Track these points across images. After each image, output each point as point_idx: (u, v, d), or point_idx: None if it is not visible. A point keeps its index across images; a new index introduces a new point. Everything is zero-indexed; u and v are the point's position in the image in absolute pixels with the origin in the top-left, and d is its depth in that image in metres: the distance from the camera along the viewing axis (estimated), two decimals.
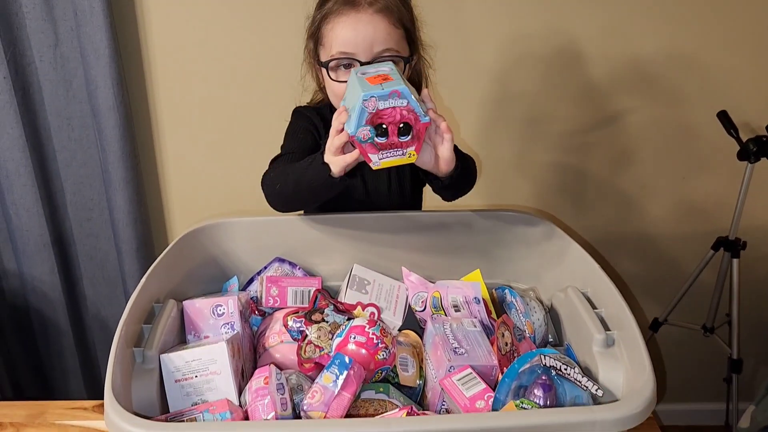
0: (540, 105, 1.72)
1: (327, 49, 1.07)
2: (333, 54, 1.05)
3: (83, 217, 1.83)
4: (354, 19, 1.03)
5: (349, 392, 0.82)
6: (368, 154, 0.88)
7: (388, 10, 1.04)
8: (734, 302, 1.79)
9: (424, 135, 0.88)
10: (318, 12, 1.09)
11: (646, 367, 0.77)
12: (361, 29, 1.02)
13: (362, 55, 1.03)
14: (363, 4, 1.03)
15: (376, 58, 1.03)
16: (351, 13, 1.03)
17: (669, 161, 1.80)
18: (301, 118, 1.21)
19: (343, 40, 1.04)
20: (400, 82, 0.85)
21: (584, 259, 0.99)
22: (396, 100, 0.84)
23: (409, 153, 0.88)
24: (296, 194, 1.02)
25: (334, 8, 1.05)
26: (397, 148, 0.87)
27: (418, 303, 1.06)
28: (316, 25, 1.09)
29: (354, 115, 0.85)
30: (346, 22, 1.03)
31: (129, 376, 0.81)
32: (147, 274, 0.93)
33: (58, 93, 1.68)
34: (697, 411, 2.18)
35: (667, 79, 1.70)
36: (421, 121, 0.86)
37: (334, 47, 1.05)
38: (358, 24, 1.02)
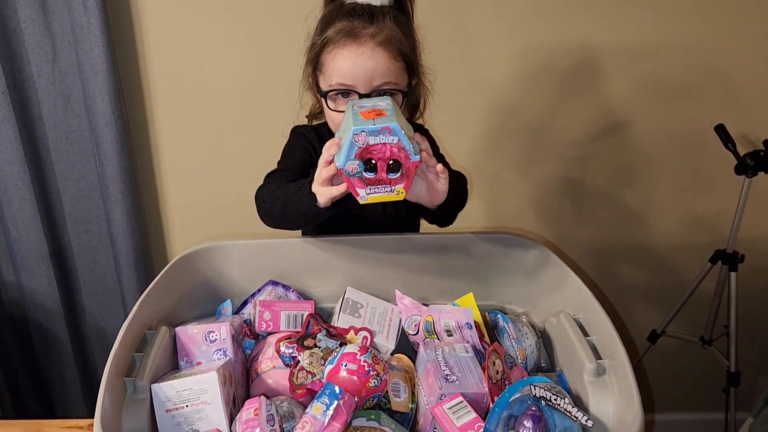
0: (541, 116, 1.72)
1: (326, 77, 1.07)
2: (332, 84, 1.05)
3: (82, 229, 1.83)
4: (355, 52, 1.03)
5: (340, 422, 0.82)
6: (356, 188, 0.88)
7: (389, 42, 1.04)
8: (732, 315, 1.79)
9: (414, 173, 0.89)
10: (318, 37, 1.08)
11: (634, 400, 0.77)
12: (361, 63, 1.03)
13: (361, 88, 1.04)
14: (365, 36, 1.03)
15: (374, 90, 1.04)
16: (352, 45, 1.03)
17: (668, 173, 1.80)
18: (299, 137, 1.22)
19: (342, 72, 1.04)
20: (393, 119, 0.85)
21: (578, 286, 0.99)
22: (387, 136, 0.84)
23: (398, 190, 0.88)
24: (283, 217, 1.03)
25: (335, 38, 1.05)
26: (386, 184, 0.87)
27: (411, 326, 1.06)
28: (316, 51, 1.08)
29: (344, 148, 0.85)
30: (346, 54, 1.03)
31: (120, 406, 0.81)
32: (139, 301, 0.93)
33: (57, 107, 1.69)
34: (695, 421, 2.18)
35: (667, 91, 1.69)
36: (412, 159, 0.86)
37: (334, 78, 1.05)
38: (358, 57, 1.03)
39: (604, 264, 1.92)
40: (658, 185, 1.82)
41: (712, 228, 1.86)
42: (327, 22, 1.08)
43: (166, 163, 1.79)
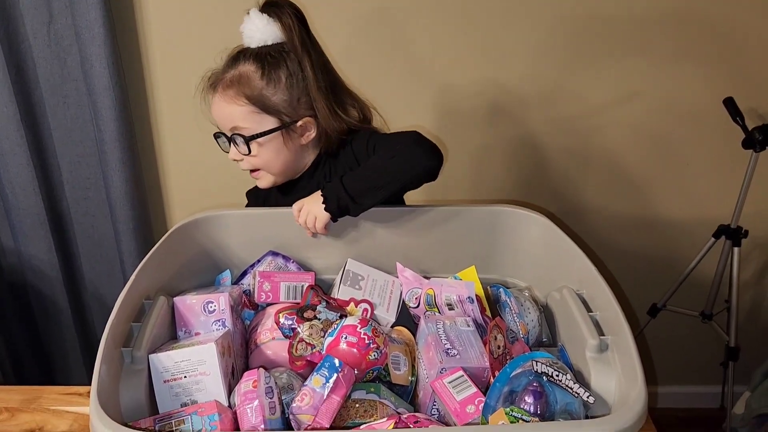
0: (546, 88, 1.69)
1: None
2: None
3: (80, 196, 1.82)
4: (214, 99, 1.12)
5: (339, 395, 0.82)
6: None
7: (232, 86, 1.09)
8: (734, 290, 1.78)
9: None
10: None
11: (638, 377, 0.76)
12: (214, 109, 1.13)
13: (226, 131, 1.13)
14: (219, 83, 1.11)
15: (229, 132, 1.13)
16: (210, 93, 1.13)
17: (674, 146, 1.77)
18: (252, 204, 1.32)
19: (213, 118, 1.14)
20: None
21: (581, 260, 0.97)
22: None
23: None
24: None
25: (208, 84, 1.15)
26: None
27: (412, 299, 1.05)
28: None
29: None
30: (212, 102, 1.13)
31: (117, 376, 0.81)
32: (137, 271, 0.92)
33: (53, 71, 1.65)
34: (692, 394, 2.19)
35: (675, 63, 1.66)
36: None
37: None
38: (215, 105, 1.12)
39: (607, 237, 1.91)
40: (663, 159, 1.79)
41: (717, 203, 1.84)
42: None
43: (165, 130, 1.76)
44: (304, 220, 1.07)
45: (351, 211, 1.04)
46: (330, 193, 1.03)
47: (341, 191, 1.02)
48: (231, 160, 1.15)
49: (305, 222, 1.06)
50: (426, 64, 1.66)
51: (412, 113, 1.71)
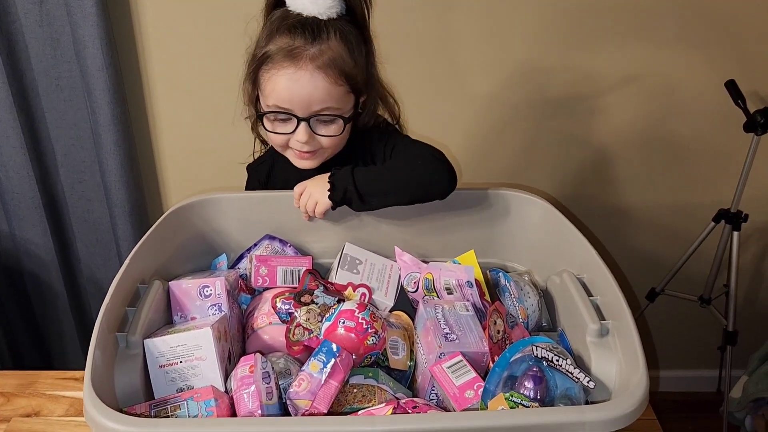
0: (546, 71, 1.67)
1: (264, 96, 1.03)
2: (269, 105, 1.02)
3: (75, 179, 1.80)
4: (292, 75, 0.98)
5: (337, 380, 0.81)
6: None
7: (330, 65, 0.99)
8: (733, 274, 1.78)
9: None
10: (259, 50, 1.03)
11: (639, 362, 0.75)
12: (297, 89, 0.99)
13: (299, 112, 1.01)
14: (304, 58, 0.98)
15: (313, 115, 1.01)
16: (290, 67, 0.98)
17: (675, 129, 1.76)
18: (252, 179, 1.26)
19: (279, 95, 1.00)
20: None
21: (581, 243, 0.96)
22: None
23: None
24: None
25: (274, 57, 0.99)
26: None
27: (411, 284, 1.04)
28: (254, 67, 1.03)
29: None
30: (284, 76, 0.99)
31: (112, 362, 0.80)
32: (131, 255, 0.91)
33: (45, 52, 1.63)
34: (690, 378, 2.19)
35: (676, 46, 1.64)
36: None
37: (271, 99, 1.01)
38: (296, 82, 0.98)
39: (606, 221, 1.90)
40: (664, 142, 1.78)
41: (717, 186, 1.83)
42: (269, 34, 1.02)
43: (160, 112, 1.73)
44: (304, 203, 1.05)
45: (353, 206, 1.03)
46: (338, 183, 1.01)
47: (350, 184, 1.00)
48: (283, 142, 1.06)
49: (305, 205, 1.05)
50: (424, 43, 1.63)
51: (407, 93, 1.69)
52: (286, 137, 1.04)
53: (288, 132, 1.03)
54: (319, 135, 1.03)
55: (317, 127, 1.03)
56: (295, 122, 1.01)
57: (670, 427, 2.10)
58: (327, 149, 1.07)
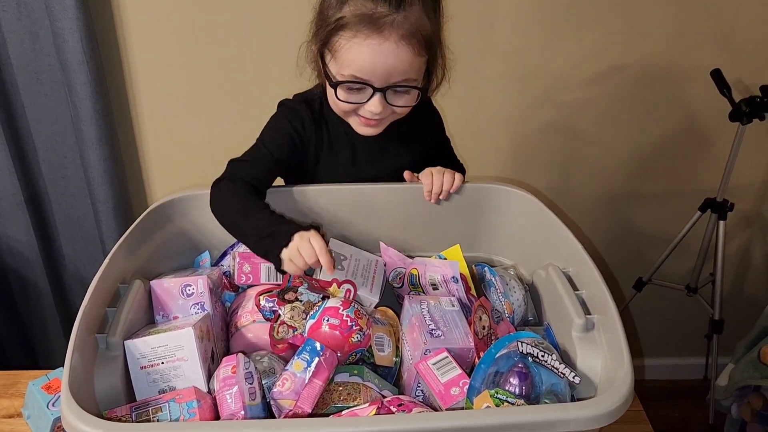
0: (529, 60, 1.66)
1: (338, 64, 0.96)
2: (344, 74, 0.96)
3: (58, 175, 1.77)
4: (377, 47, 0.92)
5: (321, 379, 0.80)
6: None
7: (414, 34, 0.93)
8: (719, 263, 1.79)
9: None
10: (334, 12, 0.95)
11: (624, 357, 0.75)
12: (381, 60, 0.92)
13: (377, 83, 0.95)
14: (389, 27, 0.91)
15: (390, 86, 0.96)
16: (374, 37, 0.91)
17: (660, 119, 1.75)
18: (286, 116, 1.09)
19: (360, 65, 0.94)
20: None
21: (567, 237, 0.95)
22: None
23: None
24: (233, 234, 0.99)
25: (354, 23, 0.92)
26: None
27: (396, 279, 1.03)
28: (329, 30, 0.95)
29: None
30: (366, 46, 0.92)
31: (92, 364, 0.78)
32: (110, 254, 0.89)
33: (24, 46, 1.60)
34: (676, 366, 2.21)
35: (660, 35, 1.63)
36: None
37: (347, 68, 0.95)
38: (379, 53, 0.92)
39: (593, 211, 1.90)
40: (649, 132, 1.77)
41: (703, 176, 1.83)
42: None
43: (144, 106, 1.71)
44: (440, 183, 1.03)
45: None
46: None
47: None
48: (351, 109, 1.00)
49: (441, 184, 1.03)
50: None
51: None
52: (356, 105, 0.99)
53: (360, 102, 0.98)
54: (392, 105, 0.99)
55: (391, 98, 0.98)
56: (370, 92, 0.96)
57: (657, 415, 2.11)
58: (393, 117, 1.03)
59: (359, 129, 1.05)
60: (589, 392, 0.81)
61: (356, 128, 1.05)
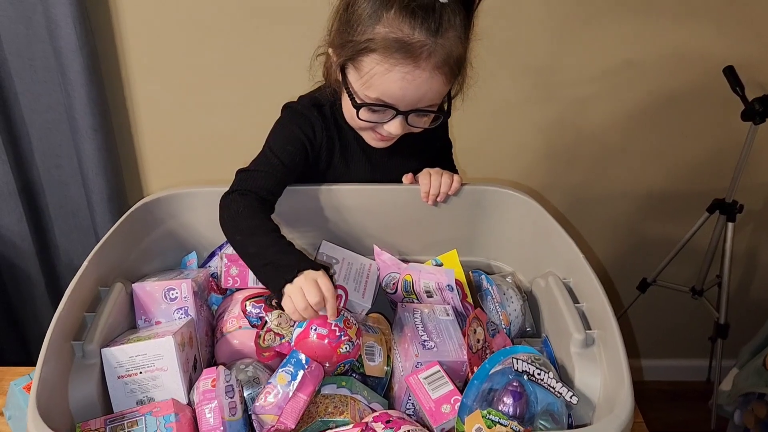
0: (533, 55, 1.60)
1: (364, 84, 0.89)
2: (370, 96, 0.90)
3: (51, 164, 1.74)
4: (409, 76, 0.85)
5: (305, 394, 0.77)
6: None
7: (448, 62, 0.87)
8: (726, 266, 1.75)
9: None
10: (365, 28, 0.86)
11: (624, 378, 0.71)
12: (412, 89, 0.87)
13: (403, 107, 0.90)
14: (424, 56, 0.84)
15: (415, 109, 0.91)
16: (408, 65, 0.85)
17: (669, 117, 1.70)
18: (295, 121, 1.01)
19: (388, 92, 0.88)
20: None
21: (568, 245, 0.91)
22: None
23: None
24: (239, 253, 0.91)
25: (388, 48, 0.84)
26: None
27: (390, 285, 0.99)
28: (358, 49, 0.87)
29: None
30: (399, 75, 0.85)
31: (66, 373, 0.75)
32: (90, 256, 0.85)
33: (18, 31, 1.55)
34: (679, 367, 2.18)
35: (669, 27, 1.57)
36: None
37: (374, 92, 0.89)
38: (411, 83, 0.86)
39: (598, 209, 1.86)
40: (658, 130, 1.72)
41: (712, 176, 1.78)
42: (378, 9, 0.85)
43: (139, 96, 1.67)
44: (437, 185, 0.99)
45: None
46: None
47: None
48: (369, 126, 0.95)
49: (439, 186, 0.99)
50: None
51: None
52: (375, 124, 0.95)
53: (381, 121, 0.93)
54: (411, 126, 0.94)
55: (413, 120, 0.93)
56: (392, 113, 0.91)
57: (658, 417, 2.10)
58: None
59: (372, 142, 1.00)
60: (587, 412, 0.77)
61: (368, 141, 1.00)
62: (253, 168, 0.97)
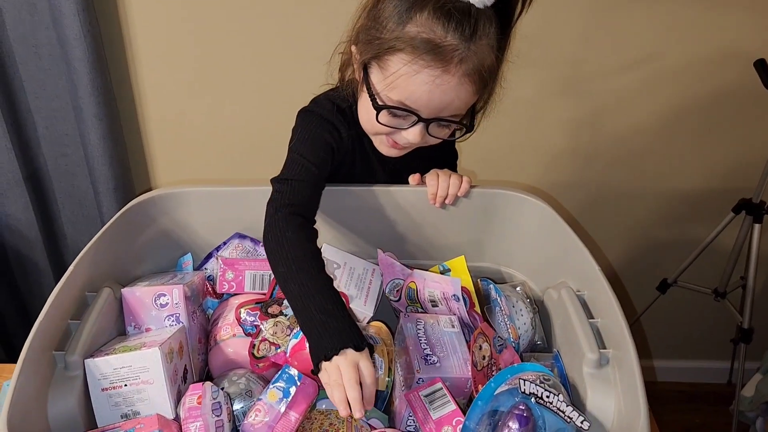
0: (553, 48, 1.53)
1: (387, 85, 0.84)
2: (392, 98, 0.84)
3: (58, 152, 1.71)
4: (437, 80, 0.81)
5: (298, 412, 0.72)
6: None
7: (478, 70, 0.82)
8: (751, 268, 1.67)
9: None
10: (395, 26, 0.81)
11: (640, 404, 0.66)
12: (438, 94, 0.82)
13: (425, 114, 0.85)
14: (455, 61, 0.79)
15: (438, 118, 0.86)
16: (437, 69, 0.80)
17: (695, 113, 1.62)
18: (324, 126, 0.95)
19: (413, 95, 0.83)
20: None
21: (583, 255, 0.85)
22: None
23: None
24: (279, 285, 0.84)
25: (417, 49, 0.79)
26: None
27: (393, 292, 0.94)
28: (386, 48, 0.82)
29: None
30: (427, 78, 0.80)
31: (46, 384, 0.71)
32: (76, 261, 0.81)
33: (22, 17, 1.52)
34: (699, 368, 2.12)
35: (696, 21, 1.49)
36: None
37: (398, 94, 0.84)
38: (438, 87, 0.81)
39: (618, 207, 1.79)
40: (683, 127, 1.65)
41: (739, 175, 1.71)
42: (410, 8, 0.81)
43: (145, 84, 1.63)
44: (445, 187, 0.94)
45: None
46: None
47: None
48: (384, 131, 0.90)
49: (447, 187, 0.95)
50: None
51: None
52: (393, 130, 0.89)
53: (399, 127, 0.88)
54: (430, 135, 0.89)
55: (433, 129, 0.88)
56: (413, 120, 0.86)
57: (676, 419, 2.04)
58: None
59: (383, 149, 0.95)
60: None
61: (379, 147, 0.95)
62: (292, 177, 0.90)
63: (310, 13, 1.48)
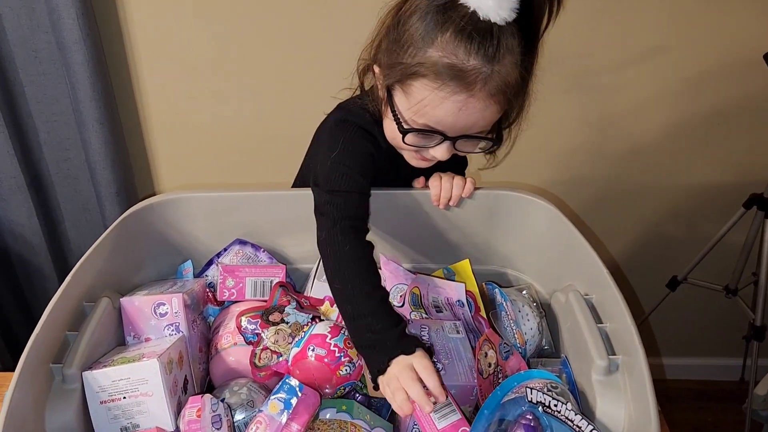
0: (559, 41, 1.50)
1: (412, 109, 0.82)
2: (418, 122, 0.83)
3: (60, 157, 1.70)
4: (462, 104, 0.79)
5: (300, 423, 0.71)
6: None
7: (503, 90, 0.80)
8: (763, 264, 1.65)
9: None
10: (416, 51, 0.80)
11: (651, 412, 0.64)
12: (464, 117, 0.81)
13: (452, 134, 0.84)
14: (478, 83, 0.78)
15: (464, 135, 0.84)
16: (462, 93, 0.78)
17: (704, 107, 1.60)
18: (364, 137, 0.93)
19: (439, 119, 0.82)
20: None
21: (591, 258, 0.83)
22: None
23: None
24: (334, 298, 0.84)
25: (440, 75, 0.78)
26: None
27: (397, 297, 0.92)
28: (409, 74, 0.81)
29: None
30: (452, 103, 0.79)
31: (44, 398, 0.70)
32: (73, 272, 0.80)
33: (21, 21, 1.51)
34: (710, 366, 2.09)
35: (704, 12, 1.46)
36: None
37: (423, 118, 0.82)
38: (463, 111, 0.80)
39: (626, 203, 1.76)
40: (692, 121, 1.62)
41: (749, 169, 1.68)
42: (431, 30, 0.79)
43: (147, 88, 1.62)
44: (449, 189, 0.93)
45: None
46: None
47: None
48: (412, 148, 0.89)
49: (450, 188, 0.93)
50: None
51: None
52: (419, 148, 0.88)
53: (426, 146, 0.87)
54: (457, 150, 0.88)
55: (460, 145, 0.87)
56: (439, 138, 0.84)
57: (687, 417, 2.01)
58: None
59: (413, 162, 0.93)
60: None
61: (409, 160, 0.93)
62: (344, 189, 0.88)
63: (313, 15, 1.46)
